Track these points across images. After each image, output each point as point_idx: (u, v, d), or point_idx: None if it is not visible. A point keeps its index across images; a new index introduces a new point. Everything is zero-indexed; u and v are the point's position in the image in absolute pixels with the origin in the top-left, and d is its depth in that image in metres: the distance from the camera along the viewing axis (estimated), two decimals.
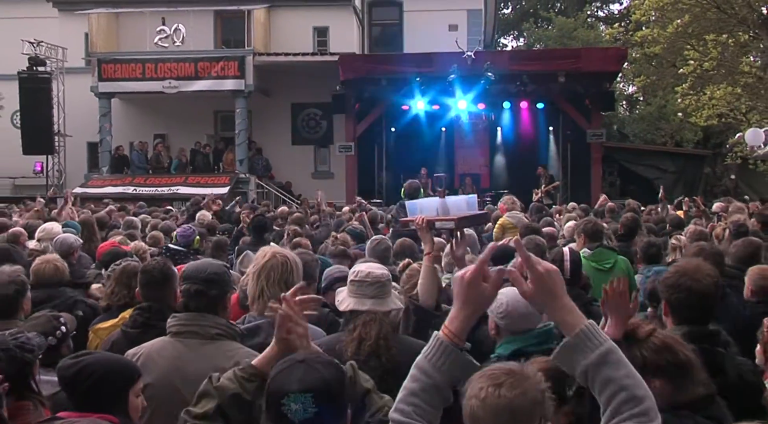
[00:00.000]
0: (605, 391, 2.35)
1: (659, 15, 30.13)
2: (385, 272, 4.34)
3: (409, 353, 4.09)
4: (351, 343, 4.07)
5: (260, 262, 4.55)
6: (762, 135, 20.30)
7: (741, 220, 9.66)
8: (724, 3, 26.72)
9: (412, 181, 12.79)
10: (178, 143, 29.49)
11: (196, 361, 3.88)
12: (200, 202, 15.48)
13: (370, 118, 26.50)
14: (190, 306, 4.05)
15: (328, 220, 13.73)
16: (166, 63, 27.54)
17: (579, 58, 25.14)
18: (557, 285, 2.44)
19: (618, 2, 49.64)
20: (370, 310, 4.16)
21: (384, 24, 33.02)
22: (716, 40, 27.92)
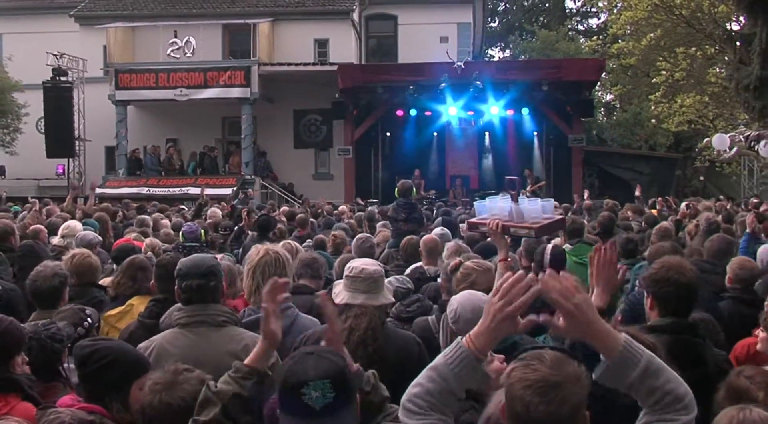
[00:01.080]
0: (651, 398, 2.37)
1: (634, 29, 30.17)
2: (378, 269, 4.34)
3: (394, 345, 4.13)
4: (342, 333, 3.99)
5: (254, 259, 4.59)
6: (727, 140, 20.32)
7: (712, 217, 9.67)
8: (693, 19, 26.80)
9: (404, 181, 12.75)
10: (188, 147, 29.48)
11: (210, 347, 3.88)
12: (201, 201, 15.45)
13: (366, 123, 26.52)
14: (194, 300, 4.03)
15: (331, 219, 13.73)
16: (177, 73, 27.58)
17: (561, 69, 25.20)
18: (588, 315, 2.38)
19: (596, 17, 49.68)
20: (362, 304, 4.16)
21: (380, 36, 32.98)
22: (686, 53, 28.04)
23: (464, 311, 4.25)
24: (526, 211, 4.60)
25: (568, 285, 2.40)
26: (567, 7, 51.93)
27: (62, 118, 27.46)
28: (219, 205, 15.94)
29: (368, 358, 3.97)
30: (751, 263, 6.19)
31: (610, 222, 10.01)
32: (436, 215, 13.45)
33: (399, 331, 4.38)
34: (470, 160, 29.82)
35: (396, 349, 4.15)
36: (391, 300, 4.43)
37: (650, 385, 2.36)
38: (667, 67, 29.53)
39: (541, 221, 4.62)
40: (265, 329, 3.13)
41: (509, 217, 4.62)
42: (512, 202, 4.68)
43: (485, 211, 4.81)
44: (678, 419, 2.35)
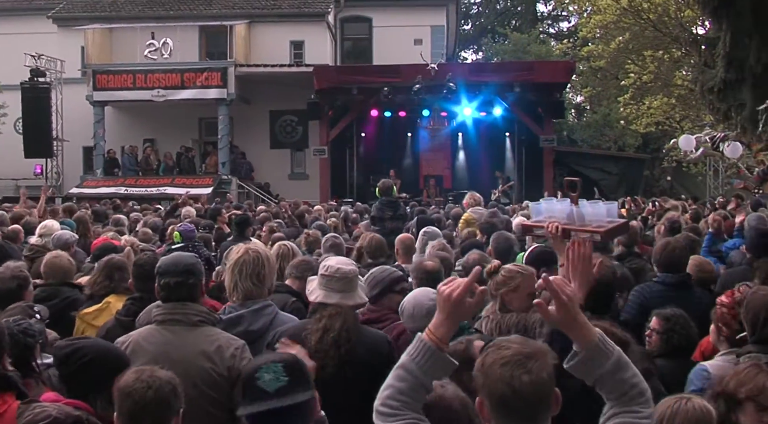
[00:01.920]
0: (617, 390, 2.46)
1: (603, 32, 30.44)
2: (354, 268, 4.36)
3: (366, 346, 4.13)
4: (316, 332, 4.07)
5: (234, 257, 4.59)
6: (693, 141, 20.56)
7: (675, 217, 9.79)
8: (660, 23, 27.09)
9: (385, 180, 12.77)
10: (166, 147, 29.33)
11: (183, 346, 3.88)
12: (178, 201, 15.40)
13: (342, 124, 26.52)
14: (172, 297, 4.03)
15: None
16: (154, 74, 27.48)
17: (532, 71, 25.37)
18: (576, 307, 2.49)
19: (567, 20, 49.93)
20: (337, 303, 4.17)
21: (355, 38, 32.99)
22: (653, 56, 28.28)
23: (407, 305, 4.45)
24: (589, 214, 4.35)
25: (562, 280, 2.55)
26: (538, 10, 52.14)
27: (40, 118, 27.25)
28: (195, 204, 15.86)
29: (340, 358, 4.01)
30: (710, 265, 6.31)
31: None
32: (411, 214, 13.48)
33: (370, 330, 4.38)
34: (443, 161, 29.95)
35: (367, 348, 4.15)
36: (365, 300, 4.46)
37: (620, 377, 2.45)
38: (635, 69, 29.76)
39: (606, 224, 4.36)
40: None
41: (569, 220, 4.36)
42: (572, 204, 4.42)
43: (541, 213, 4.54)
44: (642, 411, 2.46)
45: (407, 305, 4.47)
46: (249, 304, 4.49)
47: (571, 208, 4.37)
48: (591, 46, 31.96)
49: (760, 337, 3.82)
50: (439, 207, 19.15)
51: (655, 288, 5.78)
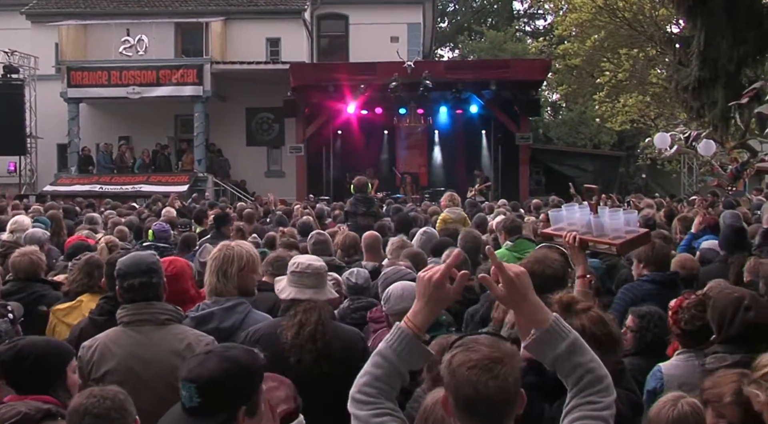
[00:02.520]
0: (574, 374, 2.44)
1: (579, 31, 30.62)
2: (323, 264, 4.38)
3: (341, 339, 4.16)
4: (291, 328, 4.07)
5: (215, 254, 4.59)
6: (668, 139, 20.67)
7: (650, 214, 9.84)
8: (635, 22, 27.29)
9: (360, 177, 12.78)
10: (141, 145, 29.15)
11: (152, 346, 3.86)
12: (159, 199, 15.32)
13: (318, 121, 26.48)
14: (137, 298, 4.00)
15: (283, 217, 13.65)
16: (130, 71, 27.29)
17: (508, 69, 25.41)
18: (526, 286, 2.46)
19: (543, 19, 50.13)
20: (310, 298, 4.18)
21: (331, 36, 32.94)
22: (628, 54, 28.52)
23: (395, 290, 4.46)
24: (607, 224, 4.21)
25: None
26: (514, 8, 52.35)
27: (14, 115, 26.97)
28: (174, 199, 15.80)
29: (317, 352, 4.02)
30: (692, 262, 6.34)
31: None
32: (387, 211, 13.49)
33: (344, 326, 4.42)
34: (420, 158, 29.96)
35: (342, 344, 4.18)
36: (335, 295, 4.49)
37: (575, 361, 2.44)
38: (610, 67, 29.97)
39: (624, 235, 4.23)
40: None
41: (587, 229, 4.24)
42: (591, 213, 4.27)
43: (561, 220, 4.43)
44: (601, 401, 2.43)
45: (395, 289, 4.49)
46: (221, 301, 4.47)
47: (589, 217, 4.27)
48: (567, 44, 32.13)
49: (725, 336, 3.82)
50: (416, 205, 19.16)
51: (645, 287, 5.78)
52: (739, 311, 3.81)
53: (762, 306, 3.90)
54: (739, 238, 7.05)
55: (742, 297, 3.91)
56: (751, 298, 3.93)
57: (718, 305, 3.96)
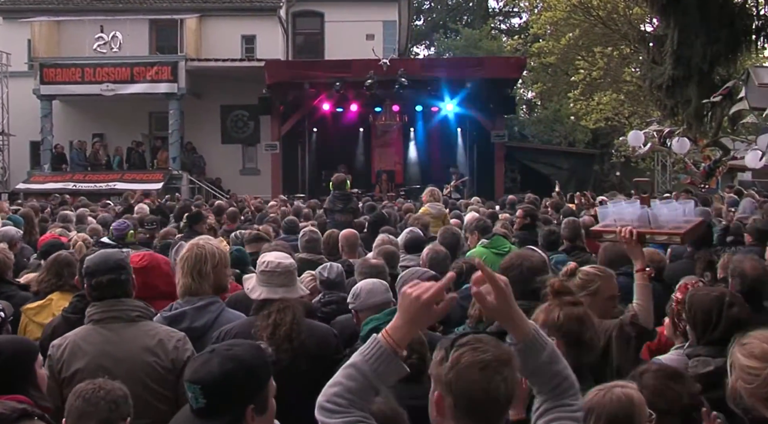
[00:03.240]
0: (552, 381, 2.45)
1: (554, 29, 30.77)
2: (293, 262, 4.35)
3: (315, 337, 4.17)
4: (266, 328, 4.03)
5: (186, 254, 4.54)
6: (642, 137, 20.83)
7: None
8: (609, 20, 27.47)
9: (338, 174, 12.84)
10: (115, 142, 28.94)
11: (124, 343, 3.82)
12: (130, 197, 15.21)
13: (293, 119, 26.42)
14: (106, 295, 3.96)
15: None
16: (104, 67, 27.05)
17: (483, 66, 25.47)
18: (511, 296, 2.44)
19: (518, 17, 50.31)
20: (282, 298, 4.15)
21: (307, 33, 32.84)
22: (603, 52, 28.68)
23: (364, 286, 4.53)
24: (663, 215, 4.15)
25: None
26: (490, 6, 52.48)
27: None
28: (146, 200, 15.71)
29: (293, 351, 4.01)
30: (659, 255, 6.38)
31: (533, 212, 10.16)
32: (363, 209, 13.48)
33: (317, 323, 4.42)
34: (395, 156, 29.97)
35: (317, 341, 4.19)
36: (306, 292, 4.48)
37: (554, 369, 2.44)
38: (585, 66, 30.13)
39: (683, 225, 4.14)
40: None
41: (641, 222, 4.16)
42: (643, 206, 4.21)
43: (609, 216, 4.36)
44: (574, 403, 2.46)
45: (364, 285, 4.52)
46: (193, 300, 4.43)
47: (643, 210, 4.21)
48: (541, 42, 32.24)
49: (710, 339, 3.79)
50: (392, 202, 19.16)
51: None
52: (723, 309, 3.80)
53: (740, 302, 3.91)
54: (705, 234, 7.10)
55: (723, 295, 3.90)
56: (730, 294, 3.95)
57: (700, 306, 3.90)
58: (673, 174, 29.49)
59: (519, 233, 9.14)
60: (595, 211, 12.01)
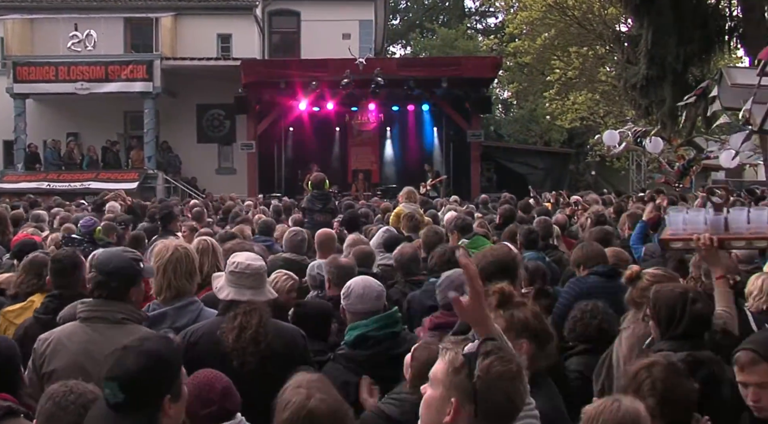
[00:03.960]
0: None
1: (529, 29, 30.89)
2: (262, 264, 4.30)
3: (283, 338, 4.12)
4: (232, 331, 3.99)
5: (165, 256, 4.51)
6: (617, 136, 20.91)
7: (600, 210, 9.94)
8: (584, 20, 27.62)
9: (317, 173, 12.84)
10: (90, 141, 28.69)
11: (104, 344, 3.74)
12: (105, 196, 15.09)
13: (269, 118, 26.34)
14: (98, 293, 3.96)
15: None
16: (78, 66, 26.82)
17: (460, 66, 25.49)
18: (484, 302, 2.53)
19: (494, 16, 50.45)
20: (249, 300, 4.10)
21: (283, 32, 32.77)
22: (578, 52, 28.82)
23: (356, 287, 4.41)
24: (742, 220, 4.04)
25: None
26: (466, 6, 52.62)
27: None
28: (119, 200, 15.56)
29: (260, 353, 3.96)
30: (624, 254, 6.43)
31: (511, 214, 10.20)
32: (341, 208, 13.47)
33: (284, 324, 4.35)
34: (372, 155, 29.97)
35: (284, 343, 4.13)
36: (275, 294, 4.39)
37: None
38: (560, 65, 30.27)
39: (765, 230, 3.99)
40: None
41: (714, 229, 4.07)
42: (718, 212, 4.12)
43: (679, 224, 4.26)
44: (531, 402, 2.55)
45: (356, 287, 4.46)
46: (173, 302, 4.44)
47: (719, 217, 4.11)
48: (517, 42, 32.34)
49: (673, 334, 3.82)
50: (368, 202, 19.17)
51: (591, 279, 5.88)
52: (687, 304, 3.82)
53: (703, 297, 3.95)
54: None
55: (687, 291, 3.93)
56: (694, 291, 3.98)
57: (664, 301, 3.92)
58: (648, 173, 29.72)
59: (498, 232, 9.19)
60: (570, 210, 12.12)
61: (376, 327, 4.21)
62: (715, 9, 16.05)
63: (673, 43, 15.21)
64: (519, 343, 3.41)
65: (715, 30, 15.55)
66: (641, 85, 16.53)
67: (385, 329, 4.23)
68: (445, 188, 25.20)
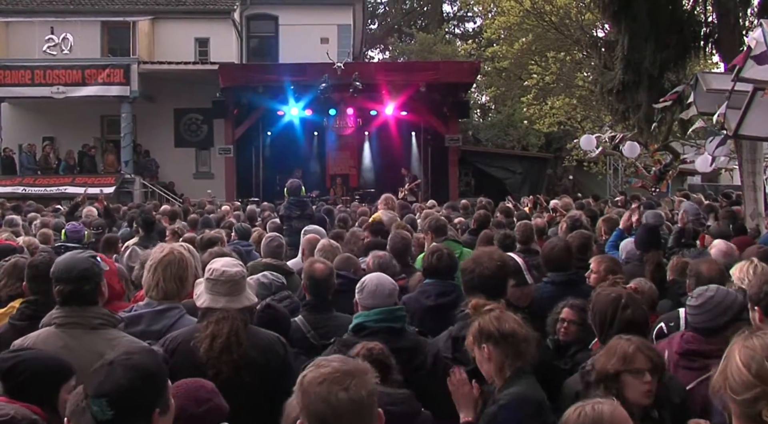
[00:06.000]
0: None
1: (507, 34, 31.02)
2: (240, 270, 4.24)
3: (259, 348, 4.07)
4: (204, 340, 3.95)
5: (158, 256, 4.51)
6: (594, 141, 21.08)
7: (577, 215, 10.00)
8: (562, 25, 27.76)
9: (293, 180, 12.81)
10: (66, 146, 28.52)
11: (81, 349, 3.76)
12: (79, 201, 15.00)
13: (247, 122, 26.28)
14: (70, 303, 3.93)
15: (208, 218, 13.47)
16: (54, 70, 26.65)
17: (438, 71, 25.58)
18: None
19: (472, 21, 50.57)
20: (223, 307, 4.06)
21: (261, 36, 32.75)
22: (556, 57, 28.96)
23: (370, 283, 4.45)
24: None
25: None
26: (444, 11, 52.69)
27: None
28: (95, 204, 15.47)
29: (234, 363, 3.93)
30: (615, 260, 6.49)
31: (486, 218, 10.23)
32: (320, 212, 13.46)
33: (262, 331, 4.27)
34: (350, 160, 30.00)
35: (261, 350, 4.07)
36: (254, 301, 4.34)
37: None
38: (538, 70, 30.44)
39: None
40: None
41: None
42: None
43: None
44: None
45: (370, 283, 4.50)
46: (153, 304, 4.43)
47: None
48: (495, 46, 32.50)
49: (606, 338, 3.89)
50: (346, 206, 19.17)
51: (545, 288, 5.97)
52: (618, 310, 3.94)
53: (638, 304, 4.04)
54: (652, 236, 7.23)
55: (620, 296, 4.03)
56: (628, 296, 4.07)
57: (597, 306, 4.07)
58: (625, 178, 29.90)
59: (469, 237, 9.21)
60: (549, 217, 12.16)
61: (375, 319, 4.30)
62: (690, 15, 16.14)
63: (649, 48, 15.28)
64: (483, 349, 3.60)
65: (691, 36, 15.64)
66: (617, 90, 16.60)
67: (382, 322, 4.30)
68: (423, 193, 25.24)
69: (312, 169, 28.51)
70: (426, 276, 5.78)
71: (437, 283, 5.64)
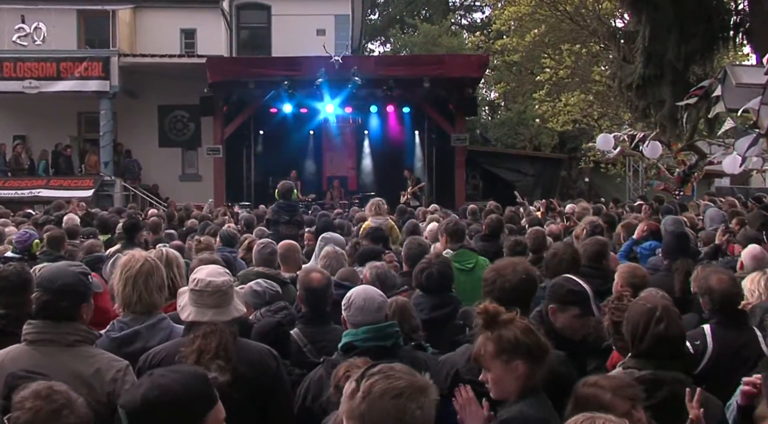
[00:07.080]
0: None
1: (518, 25, 30.94)
2: (227, 279, 4.18)
3: (249, 360, 4.04)
4: (191, 355, 3.89)
5: (135, 267, 4.46)
6: (612, 140, 20.98)
7: (596, 221, 9.92)
8: (577, 15, 27.69)
9: (285, 182, 12.79)
10: (39, 145, 28.45)
11: (55, 369, 3.65)
12: (63, 206, 14.92)
13: (238, 120, 26.26)
14: (45, 315, 3.87)
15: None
16: (26, 62, 26.55)
17: (443, 64, 25.52)
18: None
19: (480, 11, 50.63)
20: (210, 320, 3.99)
21: (252, 27, 32.74)
22: (570, 50, 28.86)
23: (357, 299, 4.40)
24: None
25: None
26: (450, 0, 52.73)
27: None
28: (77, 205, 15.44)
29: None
30: (641, 270, 6.41)
31: (498, 224, 10.13)
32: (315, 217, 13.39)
33: (252, 344, 4.24)
34: (348, 161, 29.98)
35: (251, 364, 4.04)
36: (243, 311, 4.27)
37: None
38: (551, 64, 30.34)
39: None
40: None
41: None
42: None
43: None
44: None
45: (357, 298, 4.44)
46: (142, 318, 4.40)
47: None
48: (505, 38, 32.40)
49: (637, 351, 3.94)
50: (344, 210, 19.12)
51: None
52: (651, 323, 3.92)
53: (673, 318, 3.99)
54: (681, 244, 7.16)
55: (654, 308, 4.00)
56: (663, 309, 4.02)
57: (631, 317, 4.07)
58: (646, 180, 29.84)
59: (481, 244, 9.12)
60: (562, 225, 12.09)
61: (363, 338, 4.24)
62: (719, 2, 16.04)
63: (673, 39, 15.19)
64: (514, 365, 3.48)
65: (720, 25, 15.52)
66: (638, 85, 16.51)
67: (370, 341, 4.24)
68: (427, 196, 25.20)
69: (308, 170, 28.48)
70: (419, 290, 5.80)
71: (431, 296, 5.67)
